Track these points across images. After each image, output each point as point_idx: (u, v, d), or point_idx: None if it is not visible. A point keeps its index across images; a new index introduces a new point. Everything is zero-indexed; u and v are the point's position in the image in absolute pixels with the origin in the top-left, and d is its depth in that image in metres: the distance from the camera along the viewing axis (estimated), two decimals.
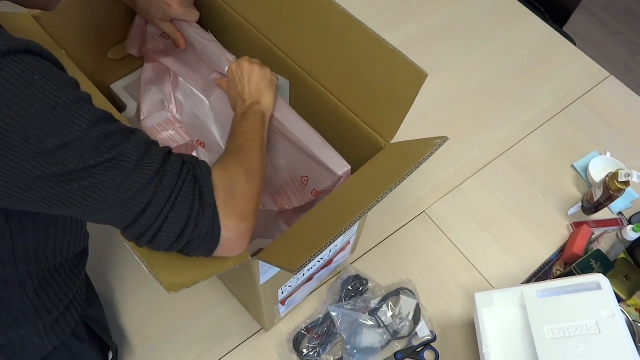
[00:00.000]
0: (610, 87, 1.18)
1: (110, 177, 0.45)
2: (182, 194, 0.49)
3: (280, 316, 0.84)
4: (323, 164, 0.70)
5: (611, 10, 2.37)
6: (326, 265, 0.81)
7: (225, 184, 0.54)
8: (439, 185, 1.02)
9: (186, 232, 0.49)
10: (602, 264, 0.83)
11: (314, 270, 0.77)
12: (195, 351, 0.82)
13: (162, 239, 0.49)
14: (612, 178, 0.91)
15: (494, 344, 0.76)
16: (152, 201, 0.47)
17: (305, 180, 0.76)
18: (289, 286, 0.73)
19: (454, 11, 1.29)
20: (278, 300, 0.75)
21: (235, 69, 0.74)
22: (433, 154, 0.58)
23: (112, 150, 0.45)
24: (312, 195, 0.75)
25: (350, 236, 0.80)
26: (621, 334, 0.68)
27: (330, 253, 0.77)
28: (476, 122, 1.11)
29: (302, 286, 0.79)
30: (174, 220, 0.48)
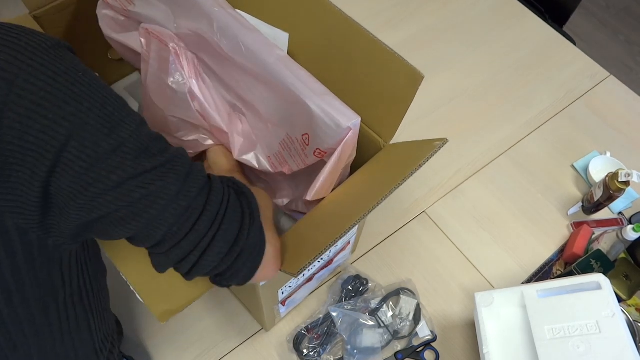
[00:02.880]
0: (610, 87, 1.18)
1: (169, 182, 0.41)
2: (232, 201, 0.46)
3: (281, 316, 0.84)
4: (327, 116, 0.61)
5: (611, 10, 2.37)
6: (326, 266, 0.81)
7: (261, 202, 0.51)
8: (439, 185, 1.02)
9: (239, 241, 0.45)
10: (603, 264, 0.83)
11: (314, 270, 0.77)
12: (195, 351, 0.82)
13: (215, 250, 0.44)
14: (612, 178, 0.91)
15: (494, 344, 0.76)
16: (206, 207, 0.43)
17: (307, 139, 0.66)
18: (289, 286, 0.73)
19: (454, 11, 1.29)
20: (278, 301, 0.75)
21: None
22: (433, 155, 0.58)
23: (164, 153, 0.42)
24: (315, 157, 0.65)
25: (351, 237, 0.80)
26: (621, 334, 0.68)
27: (330, 254, 0.77)
28: (476, 122, 1.11)
29: (302, 286, 0.79)
30: (227, 227, 0.45)
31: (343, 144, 0.60)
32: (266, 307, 0.74)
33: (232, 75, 0.70)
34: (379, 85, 0.63)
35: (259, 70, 0.65)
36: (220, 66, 0.71)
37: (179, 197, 0.41)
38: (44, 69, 0.36)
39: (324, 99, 0.61)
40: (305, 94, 0.62)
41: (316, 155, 0.64)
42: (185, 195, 0.42)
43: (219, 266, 0.46)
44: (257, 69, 0.65)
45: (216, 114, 0.70)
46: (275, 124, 0.69)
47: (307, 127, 0.64)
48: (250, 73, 0.67)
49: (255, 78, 0.67)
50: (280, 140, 0.69)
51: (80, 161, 0.37)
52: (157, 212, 0.41)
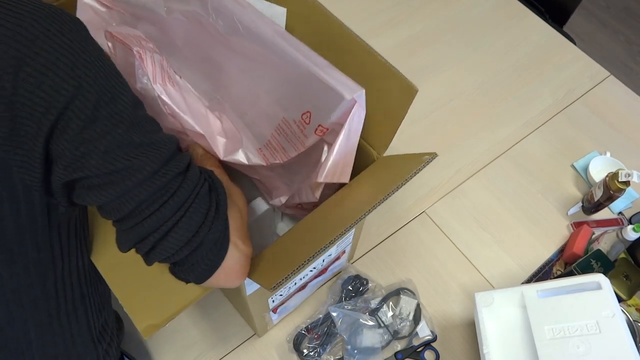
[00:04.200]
0: (610, 87, 1.18)
1: (151, 159, 0.43)
2: (202, 192, 0.47)
3: (273, 323, 0.83)
4: (329, 89, 0.58)
5: (611, 10, 2.37)
6: (320, 274, 0.80)
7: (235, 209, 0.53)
8: (439, 185, 1.02)
9: (200, 232, 0.47)
10: (603, 264, 0.83)
11: (306, 279, 0.75)
12: (195, 351, 0.82)
13: (176, 236, 0.46)
14: (612, 178, 0.91)
15: (494, 344, 0.76)
16: (177, 191, 0.45)
17: (307, 117, 0.62)
18: (280, 295, 0.72)
19: (454, 11, 1.29)
20: (269, 309, 0.74)
21: None
22: (421, 170, 0.58)
23: (154, 134, 0.45)
24: (316, 135, 0.62)
25: (346, 245, 0.79)
26: (621, 334, 0.68)
27: (323, 263, 0.75)
28: (476, 122, 1.11)
29: (295, 294, 0.78)
30: (192, 216, 0.46)
31: (350, 119, 0.58)
32: (256, 314, 0.73)
33: (224, 60, 0.67)
34: (373, 97, 0.61)
35: (258, 47, 0.62)
36: (210, 51, 0.68)
37: (155, 176, 0.44)
38: (61, 36, 0.40)
39: (326, 72, 0.58)
40: (308, 66, 0.59)
41: (317, 134, 0.61)
42: (161, 176, 0.44)
43: (177, 254, 0.47)
44: (255, 47, 0.62)
45: (189, 117, 0.66)
46: (269, 109, 0.66)
47: (309, 103, 0.61)
48: (246, 54, 0.64)
49: (252, 59, 0.64)
50: (275, 126, 0.66)
51: (78, 120, 0.40)
52: (132, 185, 0.43)
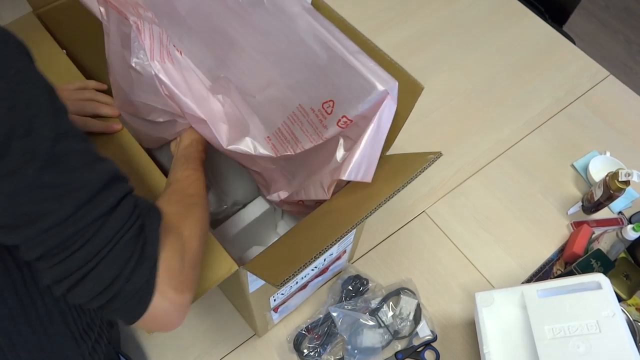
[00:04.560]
0: (610, 87, 1.18)
1: (64, 205, 0.38)
2: (125, 238, 0.42)
3: (274, 322, 0.83)
4: (360, 77, 0.52)
5: (611, 10, 2.37)
6: (321, 273, 0.80)
7: (175, 246, 0.46)
8: (439, 185, 1.02)
9: (116, 283, 0.41)
10: (603, 264, 0.83)
11: (307, 278, 0.75)
12: (195, 351, 0.82)
13: (86, 287, 0.41)
14: (612, 177, 0.91)
15: (495, 344, 0.76)
16: (91, 240, 0.40)
17: (330, 106, 0.56)
18: (282, 294, 0.72)
19: (454, 11, 1.29)
20: (270, 308, 0.74)
21: None
22: (426, 169, 0.57)
23: (77, 171, 0.39)
24: (338, 127, 0.56)
25: (347, 245, 0.79)
26: (622, 334, 0.68)
27: (324, 262, 0.75)
28: (476, 122, 1.11)
29: (296, 294, 0.78)
30: (107, 266, 0.41)
31: (380, 113, 0.52)
32: (257, 313, 0.73)
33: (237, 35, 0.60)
34: None
35: (281, 23, 0.56)
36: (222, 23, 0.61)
37: (66, 222, 0.39)
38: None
39: (357, 58, 0.52)
40: (337, 49, 0.52)
41: (339, 126, 0.55)
42: (73, 222, 0.39)
43: (93, 301, 0.42)
44: (278, 22, 0.56)
45: (190, 100, 0.60)
46: (283, 94, 0.59)
47: (333, 91, 0.55)
48: (266, 30, 0.58)
49: (271, 36, 0.58)
50: (289, 113, 0.59)
51: None
52: (37, 232, 0.38)
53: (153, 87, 0.59)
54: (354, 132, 0.55)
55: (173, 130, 0.68)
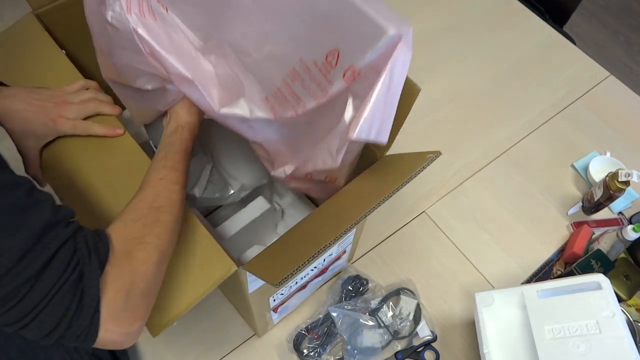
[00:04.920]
0: (610, 87, 1.18)
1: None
2: (58, 296, 0.40)
3: (274, 323, 0.83)
4: (367, 20, 0.45)
5: (611, 10, 2.37)
6: (321, 274, 0.79)
7: (121, 283, 0.44)
8: (439, 185, 1.02)
9: (57, 330, 0.41)
10: (603, 264, 0.83)
11: (307, 278, 0.75)
12: (195, 351, 0.82)
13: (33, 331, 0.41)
14: (612, 178, 0.91)
15: (494, 344, 0.76)
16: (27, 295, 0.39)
17: (334, 57, 0.49)
18: (281, 294, 0.71)
19: (454, 11, 1.29)
20: (270, 308, 0.73)
21: None
22: (425, 168, 0.57)
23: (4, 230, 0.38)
24: (344, 81, 0.49)
25: (346, 245, 0.78)
26: (621, 334, 0.68)
27: (324, 262, 0.75)
28: (476, 122, 1.11)
29: (295, 294, 0.78)
30: (46, 319, 0.41)
31: (393, 62, 0.46)
32: (257, 314, 0.73)
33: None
34: None
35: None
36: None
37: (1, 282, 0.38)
38: None
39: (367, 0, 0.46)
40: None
41: (345, 79, 0.49)
42: (8, 283, 0.39)
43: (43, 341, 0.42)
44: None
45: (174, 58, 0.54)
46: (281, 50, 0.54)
47: (337, 39, 0.48)
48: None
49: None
50: (289, 70, 0.54)
51: None
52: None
53: (132, 44, 0.54)
54: (363, 88, 0.48)
55: (164, 101, 0.63)
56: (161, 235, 0.50)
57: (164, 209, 0.52)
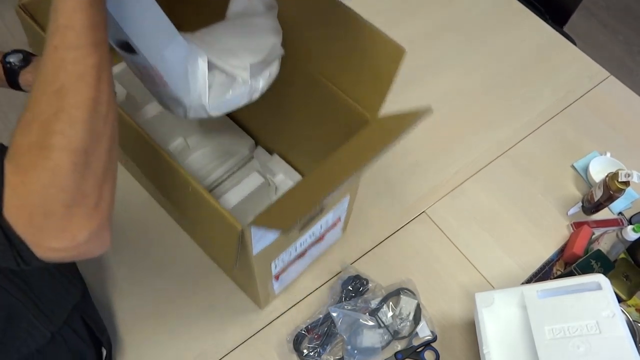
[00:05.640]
0: (610, 87, 1.18)
1: None
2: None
3: (275, 292, 0.84)
4: None
5: (611, 10, 2.37)
6: (317, 242, 0.81)
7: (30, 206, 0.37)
8: (439, 185, 1.02)
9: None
10: (603, 264, 0.83)
11: (305, 245, 0.77)
12: (195, 351, 0.82)
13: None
14: (612, 178, 0.91)
15: (494, 344, 0.76)
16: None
17: None
18: (282, 260, 0.73)
19: (454, 11, 1.29)
20: (272, 275, 0.75)
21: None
22: (417, 124, 0.59)
23: None
24: None
25: (341, 212, 0.80)
26: (621, 334, 0.68)
27: (321, 229, 0.77)
28: (476, 122, 1.11)
29: (295, 262, 0.79)
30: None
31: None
32: (260, 282, 0.74)
33: None
34: (363, 61, 0.64)
35: None
36: None
37: None
38: None
39: None
40: None
41: None
42: None
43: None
44: None
45: None
46: None
47: None
48: None
49: None
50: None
51: None
52: None
53: None
54: None
55: None
56: (66, 130, 0.38)
57: (66, 89, 0.39)
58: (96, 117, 0.40)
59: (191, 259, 0.90)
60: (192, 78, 0.58)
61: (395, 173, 1.02)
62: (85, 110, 0.39)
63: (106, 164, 0.42)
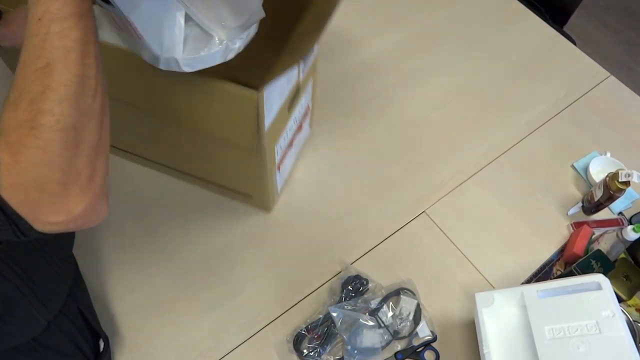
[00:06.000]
0: (610, 87, 1.18)
1: None
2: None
3: (278, 190, 0.92)
4: None
5: (611, 10, 2.37)
6: (298, 131, 0.91)
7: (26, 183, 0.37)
8: (439, 185, 1.02)
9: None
10: (603, 264, 0.83)
11: (292, 133, 0.86)
12: (195, 351, 0.82)
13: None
14: (613, 178, 0.91)
15: (494, 344, 0.76)
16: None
17: None
18: (281, 146, 0.82)
19: (454, 11, 1.29)
20: (275, 162, 0.82)
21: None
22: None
23: None
24: None
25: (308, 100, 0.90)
26: (621, 334, 0.68)
27: (300, 115, 0.88)
28: (476, 122, 1.11)
29: (287, 151, 0.88)
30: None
31: None
32: (269, 168, 0.80)
33: None
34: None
35: None
36: None
37: None
38: None
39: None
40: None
41: None
42: None
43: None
44: None
45: None
46: None
47: None
48: None
49: None
50: None
51: None
52: None
53: None
54: None
55: None
56: (54, 109, 0.38)
57: (55, 66, 0.38)
58: (84, 93, 0.40)
59: (191, 259, 0.90)
60: (168, 32, 0.56)
61: (395, 173, 1.02)
62: (72, 87, 0.39)
63: (97, 138, 0.41)
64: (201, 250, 0.91)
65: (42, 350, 0.64)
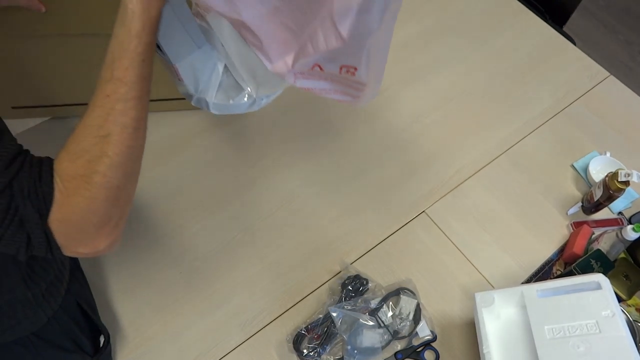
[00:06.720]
0: (610, 87, 1.18)
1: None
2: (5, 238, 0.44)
3: None
4: None
5: (611, 10, 2.37)
6: None
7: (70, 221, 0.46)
8: (439, 185, 1.02)
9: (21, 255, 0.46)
10: (602, 264, 0.83)
11: None
12: (195, 351, 0.82)
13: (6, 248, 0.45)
14: (612, 178, 0.91)
15: (494, 344, 0.76)
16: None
17: None
18: None
19: (454, 11, 1.29)
20: None
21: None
22: None
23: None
24: None
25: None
26: (621, 334, 0.68)
27: None
28: (476, 122, 1.11)
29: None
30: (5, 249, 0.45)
31: None
32: None
33: None
34: None
35: None
36: None
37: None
38: None
39: None
40: None
41: None
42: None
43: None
44: None
45: None
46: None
47: None
48: None
49: None
50: None
51: None
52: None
53: None
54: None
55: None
56: (107, 172, 0.46)
57: (112, 137, 0.46)
58: (131, 160, 0.48)
59: (192, 259, 0.90)
60: (205, 77, 0.64)
61: (395, 172, 1.02)
62: (124, 156, 0.47)
63: (131, 193, 0.51)
64: (201, 250, 0.91)
65: (40, 343, 0.66)
